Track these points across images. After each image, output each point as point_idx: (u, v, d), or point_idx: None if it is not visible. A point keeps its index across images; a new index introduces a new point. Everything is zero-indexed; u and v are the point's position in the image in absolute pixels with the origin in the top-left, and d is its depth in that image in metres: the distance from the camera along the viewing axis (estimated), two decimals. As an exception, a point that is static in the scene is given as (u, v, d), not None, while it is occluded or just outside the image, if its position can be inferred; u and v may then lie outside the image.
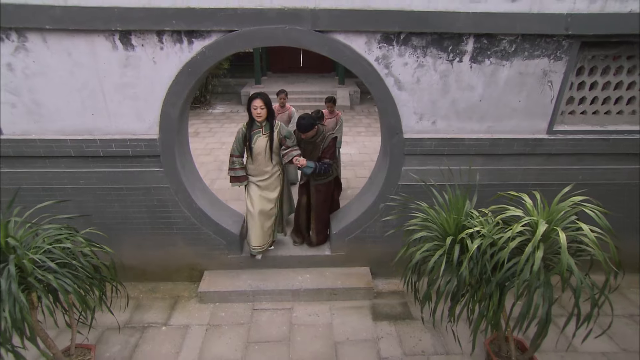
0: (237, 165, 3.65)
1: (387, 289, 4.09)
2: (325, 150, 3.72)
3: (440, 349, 3.37)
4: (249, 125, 3.53)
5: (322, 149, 3.72)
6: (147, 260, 3.98)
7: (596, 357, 3.30)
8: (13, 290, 2.10)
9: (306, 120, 3.55)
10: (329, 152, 3.73)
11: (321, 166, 3.69)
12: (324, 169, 3.72)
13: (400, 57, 3.21)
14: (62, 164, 3.48)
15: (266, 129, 3.54)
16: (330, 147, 3.73)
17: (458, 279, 2.32)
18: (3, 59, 3.08)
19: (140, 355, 3.28)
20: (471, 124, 3.51)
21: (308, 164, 3.61)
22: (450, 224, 2.48)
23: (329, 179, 3.97)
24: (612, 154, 3.67)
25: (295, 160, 3.60)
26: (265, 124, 3.53)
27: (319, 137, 3.72)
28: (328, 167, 3.74)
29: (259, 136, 3.53)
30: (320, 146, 3.73)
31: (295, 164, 3.62)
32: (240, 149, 3.61)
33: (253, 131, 3.53)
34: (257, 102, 3.38)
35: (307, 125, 3.55)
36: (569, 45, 3.22)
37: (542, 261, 2.25)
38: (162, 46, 3.12)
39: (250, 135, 3.52)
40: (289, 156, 3.64)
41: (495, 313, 2.32)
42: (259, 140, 3.53)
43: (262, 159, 3.60)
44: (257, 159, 3.60)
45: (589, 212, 2.19)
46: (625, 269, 4.22)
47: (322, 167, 3.70)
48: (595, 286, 2.30)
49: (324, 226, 4.18)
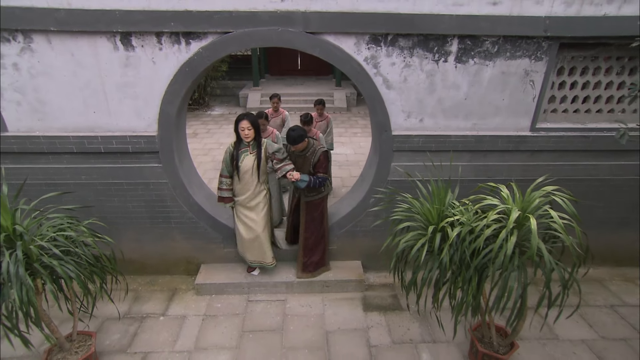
0: (224, 185, 3.65)
1: (378, 282, 4.23)
2: (317, 165, 3.61)
3: (427, 337, 3.51)
4: (236, 145, 3.55)
5: (313, 164, 3.61)
6: (146, 253, 4.11)
7: (576, 344, 3.43)
8: (20, 273, 2.24)
9: (296, 132, 3.45)
10: (322, 167, 3.61)
11: (315, 180, 3.58)
12: (319, 182, 3.60)
13: (388, 57, 3.37)
14: (64, 160, 3.62)
15: (253, 148, 3.54)
16: (322, 162, 3.61)
17: (439, 265, 2.46)
18: (9, 59, 3.23)
19: (139, 343, 3.42)
20: (457, 121, 3.66)
21: (302, 178, 3.53)
22: (433, 214, 2.63)
23: (321, 195, 3.79)
24: (592, 151, 3.83)
25: (289, 175, 3.53)
26: (252, 142, 3.53)
27: (309, 150, 3.61)
28: (323, 181, 3.62)
29: (246, 155, 3.53)
30: (311, 160, 3.61)
31: (289, 179, 3.54)
32: (228, 169, 3.59)
33: (240, 150, 3.53)
34: (244, 123, 3.38)
35: (297, 137, 3.44)
36: (548, 46, 3.38)
37: (518, 247, 2.39)
38: (161, 47, 3.27)
39: (238, 154, 3.53)
40: (282, 170, 3.58)
41: (474, 297, 2.46)
42: (247, 159, 3.52)
43: (249, 178, 3.57)
44: (243, 178, 3.57)
45: (558, 200, 2.33)
46: (606, 262, 4.42)
47: (317, 180, 3.59)
48: (566, 270, 2.43)
49: (314, 248, 3.94)
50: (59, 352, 2.93)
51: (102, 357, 3.25)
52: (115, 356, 3.28)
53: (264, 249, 3.85)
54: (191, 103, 11.17)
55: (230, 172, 3.61)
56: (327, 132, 5.39)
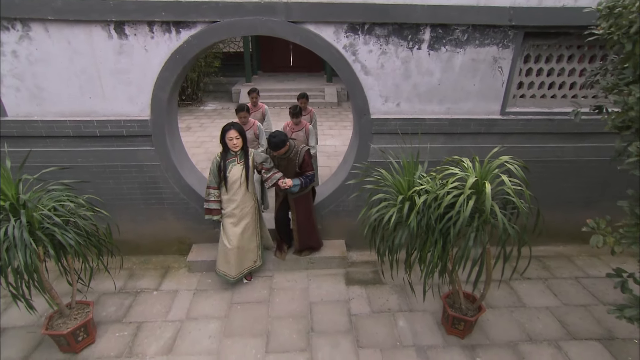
0: (212, 197, 3.63)
1: (361, 259, 4.48)
2: (303, 165, 3.73)
3: (404, 307, 3.77)
4: (223, 155, 3.54)
5: (299, 164, 3.72)
6: (140, 234, 4.32)
7: (540, 310, 3.71)
8: (25, 238, 2.45)
9: (277, 137, 3.51)
10: (308, 165, 3.76)
11: (306, 180, 3.72)
12: (309, 181, 3.75)
13: (365, 45, 3.61)
14: (61, 144, 3.82)
15: (241, 157, 3.55)
16: (307, 161, 3.75)
17: (408, 230, 2.71)
18: (9, 47, 3.43)
19: (133, 314, 3.63)
20: (432, 105, 3.92)
21: (294, 183, 3.66)
22: (403, 185, 2.87)
23: (307, 190, 3.95)
24: (558, 134, 4.11)
25: (281, 183, 3.61)
26: (240, 152, 3.54)
27: (292, 152, 3.70)
28: (312, 178, 3.80)
29: (233, 165, 3.53)
30: (295, 161, 3.71)
31: (282, 187, 3.62)
32: (216, 179, 3.58)
33: (228, 160, 3.53)
34: (232, 133, 3.40)
35: (279, 143, 3.52)
36: (514, 35, 3.65)
37: (478, 212, 2.65)
38: (153, 35, 3.49)
39: (225, 165, 3.52)
40: (272, 179, 3.64)
41: (440, 258, 2.71)
42: (234, 169, 3.53)
43: (237, 188, 3.56)
44: (232, 188, 3.56)
45: (510, 167, 2.59)
46: (574, 240, 4.71)
47: (307, 180, 3.73)
48: (518, 231, 2.67)
49: (310, 235, 4.16)
50: (60, 318, 3.14)
51: (99, 326, 3.46)
52: (111, 325, 3.49)
53: (248, 256, 3.88)
54: (184, 98, 11.36)
55: (217, 183, 3.60)
56: (312, 125, 5.43)
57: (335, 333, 3.44)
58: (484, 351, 3.27)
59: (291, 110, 4.84)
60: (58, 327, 3.07)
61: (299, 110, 4.86)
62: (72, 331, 3.04)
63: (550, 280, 4.17)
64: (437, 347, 3.31)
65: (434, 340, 3.38)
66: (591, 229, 2.32)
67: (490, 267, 3.00)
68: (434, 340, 3.38)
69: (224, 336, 3.38)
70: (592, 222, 2.33)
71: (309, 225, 4.10)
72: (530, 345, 3.33)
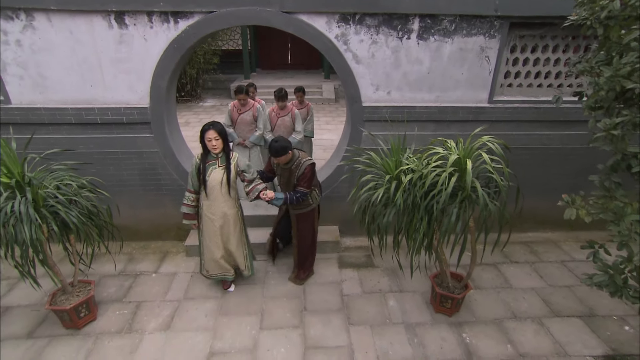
0: (188, 201, 3.37)
1: (354, 245, 4.62)
2: (300, 178, 3.33)
3: (395, 288, 3.90)
4: (203, 157, 3.25)
5: (298, 177, 3.35)
6: (139, 220, 4.46)
7: (526, 291, 3.84)
8: (30, 213, 2.58)
9: (279, 142, 3.15)
10: (305, 180, 3.33)
11: (292, 196, 3.33)
12: (296, 198, 3.34)
13: (356, 34, 3.75)
14: (63, 131, 3.96)
15: (222, 161, 3.26)
16: (306, 175, 3.33)
17: (395, 208, 2.84)
18: (13, 36, 3.56)
19: (133, 294, 3.76)
20: (421, 93, 4.05)
21: (277, 196, 3.33)
22: (391, 166, 3.01)
23: (311, 207, 3.63)
24: (545, 121, 4.25)
25: (262, 195, 3.31)
26: (221, 155, 3.25)
27: (294, 163, 3.34)
28: (301, 196, 3.37)
29: (214, 168, 3.24)
30: (295, 173, 3.35)
31: (263, 199, 3.33)
32: (195, 183, 3.32)
33: (208, 163, 3.24)
34: (210, 133, 3.09)
35: (280, 149, 3.15)
36: (500, 25, 3.79)
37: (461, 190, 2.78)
38: (152, 25, 3.62)
39: (205, 167, 3.23)
40: (254, 191, 3.35)
41: (426, 234, 2.85)
42: (214, 173, 3.24)
43: (218, 193, 3.28)
44: (212, 194, 3.27)
45: (490, 145, 2.73)
46: (562, 226, 4.84)
47: (294, 197, 3.33)
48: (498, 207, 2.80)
49: (306, 259, 3.90)
50: (63, 295, 3.27)
51: (100, 305, 3.59)
52: (112, 304, 3.63)
53: (236, 261, 3.65)
54: (183, 95, 11.50)
55: (196, 187, 3.34)
56: (308, 120, 5.28)
57: (327, 312, 3.57)
58: (470, 327, 3.40)
59: (276, 93, 4.72)
60: (61, 303, 3.20)
61: (285, 94, 4.73)
62: (75, 307, 3.17)
63: (537, 263, 4.31)
64: (425, 324, 3.44)
65: (422, 318, 3.51)
66: (566, 203, 2.46)
67: (474, 244, 3.13)
68: (422, 318, 3.51)
69: (220, 314, 3.51)
70: (567, 197, 2.47)
71: (306, 247, 3.81)
72: (514, 322, 3.46)
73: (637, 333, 3.33)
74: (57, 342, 3.18)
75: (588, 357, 3.10)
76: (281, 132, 4.72)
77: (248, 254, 3.71)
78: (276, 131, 4.76)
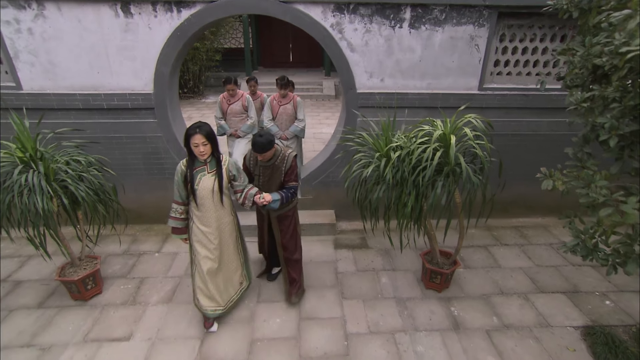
0: (176, 214, 2.98)
1: (349, 228, 4.78)
2: (289, 172, 3.13)
3: (388, 267, 4.06)
4: (189, 164, 2.82)
5: (286, 171, 3.12)
6: (143, 203, 4.64)
7: (514, 270, 3.99)
8: (42, 185, 2.77)
9: (264, 137, 2.88)
10: (293, 173, 3.15)
11: (287, 193, 3.11)
12: (291, 194, 3.15)
13: (351, 23, 3.92)
14: (71, 116, 4.15)
15: (212, 166, 2.85)
16: (294, 168, 3.15)
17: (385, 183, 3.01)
18: (25, 25, 3.76)
19: (137, 271, 3.94)
20: (414, 81, 4.22)
21: (273, 198, 3.03)
22: (381, 145, 3.17)
23: (293, 205, 3.36)
24: (533, 108, 4.40)
25: (257, 200, 2.99)
26: (210, 159, 2.85)
27: (278, 158, 3.10)
28: (295, 190, 3.21)
29: (203, 175, 2.83)
30: (282, 168, 3.11)
31: (259, 203, 3.01)
32: (181, 193, 2.91)
33: (195, 169, 2.82)
34: (197, 138, 2.66)
35: (266, 144, 2.87)
36: (488, 14, 3.95)
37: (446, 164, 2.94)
38: (156, 14, 3.81)
39: (192, 175, 2.81)
40: (248, 198, 3.02)
41: (414, 208, 3.01)
42: (204, 181, 2.83)
43: (210, 204, 2.88)
44: (203, 205, 2.87)
45: (473, 122, 2.89)
46: (552, 212, 4.98)
47: (289, 193, 3.12)
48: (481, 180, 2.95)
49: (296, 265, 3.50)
50: (71, 267, 3.45)
51: (105, 281, 3.77)
52: (117, 280, 3.81)
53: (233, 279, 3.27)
54: (186, 91, 11.73)
55: (184, 198, 2.93)
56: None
57: (321, 287, 3.73)
58: (459, 302, 3.55)
59: (278, 81, 4.74)
60: (69, 275, 3.39)
61: (287, 82, 4.76)
62: (82, 279, 3.36)
63: (526, 246, 4.46)
64: (415, 298, 3.60)
65: (413, 293, 3.67)
66: (544, 175, 2.61)
67: (461, 219, 3.29)
68: (413, 293, 3.67)
69: (220, 289, 3.68)
70: (545, 170, 2.62)
71: (295, 249, 3.46)
72: (501, 297, 3.61)
73: (617, 307, 3.47)
74: (66, 312, 3.37)
75: (569, 327, 3.25)
76: (283, 120, 4.89)
77: (244, 263, 3.39)
78: (278, 119, 4.92)
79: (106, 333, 3.15)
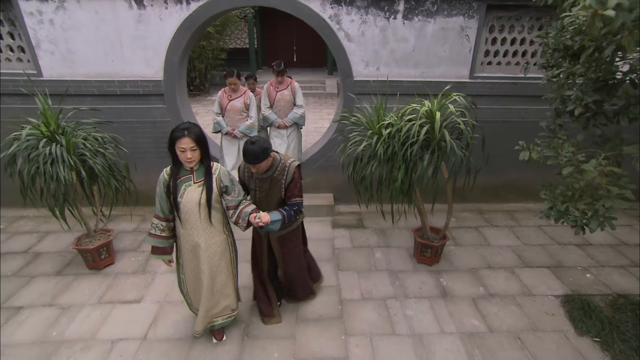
0: (157, 230, 2.52)
1: (347, 211, 5.02)
2: (291, 186, 2.61)
3: (382, 244, 4.29)
4: (173, 172, 2.39)
5: (287, 185, 2.61)
6: (152, 186, 4.83)
7: (502, 248, 4.21)
8: (64, 156, 3.05)
9: (257, 144, 2.36)
10: (297, 187, 2.64)
11: (289, 211, 2.60)
12: (294, 212, 2.62)
13: (348, 15, 4.19)
14: (87, 101, 4.45)
15: (199, 175, 2.41)
16: (297, 180, 2.63)
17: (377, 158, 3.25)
18: (47, 16, 4.07)
19: (146, 246, 4.21)
20: (408, 69, 4.47)
21: (272, 218, 2.51)
22: (374, 124, 3.42)
23: (296, 224, 2.88)
24: (522, 96, 4.63)
25: (253, 219, 2.49)
26: (197, 167, 2.41)
27: (276, 169, 2.58)
28: (299, 208, 2.68)
29: (188, 186, 2.38)
30: (282, 180, 2.60)
31: (256, 224, 2.50)
32: (164, 206, 2.47)
33: (179, 179, 2.38)
34: (184, 142, 2.23)
35: (259, 153, 2.36)
36: (477, 6, 4.20)
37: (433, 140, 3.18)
38: (167, 6, 4.11)
39: (176, 186, 2.37)
40: (243, 217, 2.54)
41: (403, 182, 3.25)
42: (189, 192, 2.38)
43: (196, 220, 2.43)
44: (188, 220, 2.43)
45: (457, 99, 3.13)
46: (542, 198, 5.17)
47: (292, 211, 2.61)
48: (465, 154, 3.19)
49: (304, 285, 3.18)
50: (86, 238, 3.73)
51: (117, 254, 4.05)
52: (127, 253, 4.08)
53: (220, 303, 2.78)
54: (192, 89, 12.06)
55: (166, 212, 2.49)
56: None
57: (319, 261, 3.93)
58: (448, 274, 3.78)
59: (275, 67, 4.66)
60: (85, 244, 3.66)
61: (284, 68, 4.69)
62: (97, 248, 3.63)
63: (515, 227, 4.67)
64: (407, 271, 3.83)
65: (405, 267, 3.90)
66: (521, 147, 2.84)
67: (448, 192, 3.52)
68: (405, 267, 3.90)
69: (224, 261, 3.94)
70: (522, 143, 2.86)
71: (301, 274, 3.06)
72: (488, 270, 3.83)
73: (597, 279, 3.68)
74: (82, 279, 3.64)
75: (550, 296, 3.46)
76: (281, 107, 5.05)
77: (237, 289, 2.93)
78: (276, 106, 5.04)
79: (119, 296, 3.42)
